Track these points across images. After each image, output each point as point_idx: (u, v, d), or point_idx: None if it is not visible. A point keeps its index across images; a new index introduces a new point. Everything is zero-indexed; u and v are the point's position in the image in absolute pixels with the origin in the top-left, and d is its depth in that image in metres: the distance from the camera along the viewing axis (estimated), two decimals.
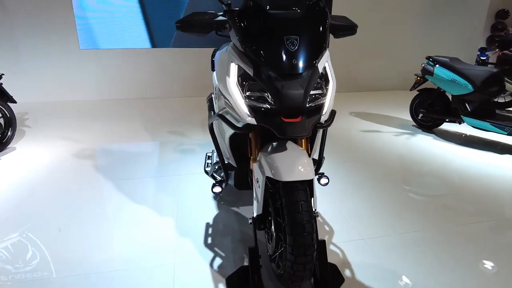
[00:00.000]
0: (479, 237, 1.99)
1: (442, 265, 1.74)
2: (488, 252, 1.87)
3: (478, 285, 1.61)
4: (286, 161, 1.34)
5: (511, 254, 1.85)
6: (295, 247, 1.25)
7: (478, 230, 2.07)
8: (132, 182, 2.59)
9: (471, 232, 2.04)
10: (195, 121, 4.27)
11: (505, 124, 3.25)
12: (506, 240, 2.00)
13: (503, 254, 1.85)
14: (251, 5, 1.33)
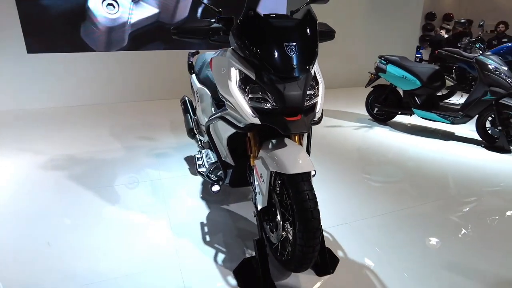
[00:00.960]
0: (429, 215, 2.30)
1: (416, 239, 2.00)
2: (437, 227, 2.17)
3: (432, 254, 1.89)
4: (289, 156, 1.47)
5: (457, 227, 2.18)
6: (305, 232, 1.38)
7: (428, 209, 2.37)
8: (113, 189, 2.54)
9: (423, 211, 2.34)
10: (162, 124, 4.23)
11: (448, 114, 3.72)
12: (453, 215, 2.33)
13: (451, 227, 2.17)
14: (252, 14, 1.44)
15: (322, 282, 1.63)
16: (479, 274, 1.72)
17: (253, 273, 1.65)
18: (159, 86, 5.63)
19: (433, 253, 1.87)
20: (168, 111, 4.95)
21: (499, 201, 2.51)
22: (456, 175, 2.96)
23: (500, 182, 2.87)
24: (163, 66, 5.60)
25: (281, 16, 1.49)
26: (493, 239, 2.03)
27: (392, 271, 1.72)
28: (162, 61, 5.58)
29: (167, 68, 5.64)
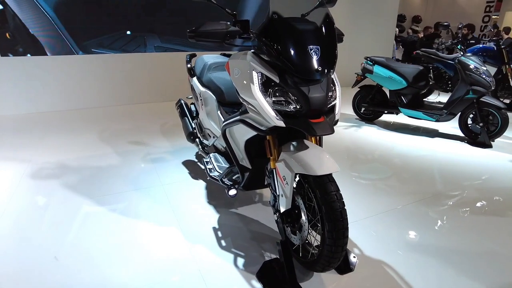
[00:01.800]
0: (417, 212, 2.41)
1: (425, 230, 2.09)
2: (427, 221, 2.28)
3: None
4: (313, 157, 1.49)
5: (444, 220, 2.30)
6: (335, 232, 1.41)
7: (416, 204, 2.49)
8: (115, 197, 2.46)
9: (411, 208, 2.44)
10: (152, 129, 4.13)
11: (433, 112, 3.90)
12: (438, 209, 2.46)
13: (439, 220, 2.29)
14: (276, 18, 1.45)
15: (345, 280, 1.67)
16: (466, 255, 1.82)
17: (276, 275, 1.66)
18: (145, 89, 5.50)
19: (429, 244, 1.96)
20: (157, 115, 4.84)
21: (483, 193, 2.66)
22: (442, 170, 3.11)
23: (482, 175, 3.04)
24: (151, 69, 5.48)
25: (302, 20, 1.51)
26: (480, 227, 2.16)
27: (401, 265, 1.78)
28: (150, 63, 5.46)
29: (155, 71, 5.51)
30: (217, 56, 2.78)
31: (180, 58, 5.64)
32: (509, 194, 2.66)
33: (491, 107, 3.58)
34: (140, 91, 5.47)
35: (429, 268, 1.77)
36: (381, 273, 1.73)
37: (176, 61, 5.61)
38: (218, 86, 2.30)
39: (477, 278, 1.71)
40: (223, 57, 2.78)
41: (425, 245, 1.97)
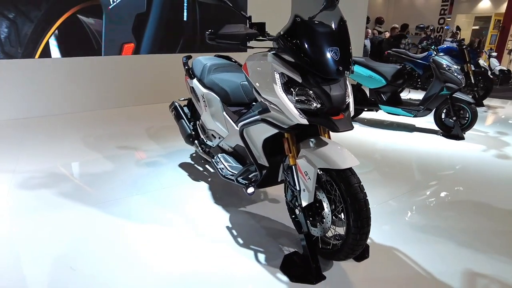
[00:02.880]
0: (400, 206, 2.60)
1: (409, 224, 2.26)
2: (412, 209, 2.49)
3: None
4: (335, 152, 1.58)
5: (425, 208, 2.52)
6: (360, 221, 1.51)
7: (399, 196, 2.67)
8: (118, 203, 2.40)
9: (395, 200, 2.62)
10: (139, 133, 4.05)
11: (411, 109, 4.17)
12: (421, 198, 2.67)
13: (421, 209, 2.50)
14: (299, 22, 1.53)
15: (363, 266, 1.77)
16: (452, 230, 2.01)
17: (298, 266, 1.73)
18: (125, 92, 5.35)
19: (423, 226, 2.14)
20: (140, 119, 4.74)
21: (454, 183, 2.90)
22: (420, 162, 3.36)
23: (456, 165, 3.32)
24: (131, 72, 5.33)
25: (321, 23, 1.59)
26: (459, 208, 2.41)
27: (405, 246, 1.93)
28: (133, 66, 5.32)
29: (135, 74, 5.38)
30: (213, 58, 2.81)
31: (162, 60, 5.56)
32: (481, 180, 2.96)
33: (463, 103, 3.90)
34: (120, 94, 5.32)
35: (429, 245, 1.93)
36: (392, 256, 1.86)
37: (158, 64, 5.52)
38: (222, 88, 2.33)
39: (464, 245, 1.89)
40: (220, 58, 2.81)
41: (420, 226, 2.15)
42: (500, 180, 2.96)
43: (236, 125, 2.15)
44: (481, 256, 1.89)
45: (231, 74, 2.51)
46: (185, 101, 3.28)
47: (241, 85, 2.27)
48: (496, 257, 1.88)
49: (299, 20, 1.53)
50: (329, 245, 1.74)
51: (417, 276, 1.72)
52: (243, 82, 2.28)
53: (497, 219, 2.31)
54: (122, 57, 5.23)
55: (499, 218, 2.32)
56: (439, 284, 1.66)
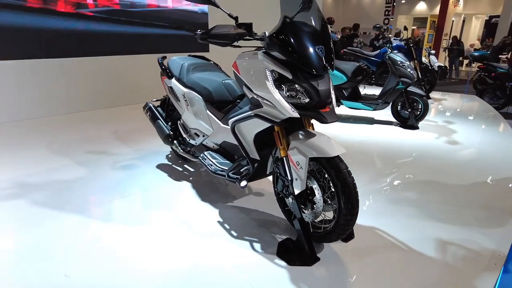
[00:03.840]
0: (370, 190, 2.87)
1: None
2: (381, 193, 2.76)
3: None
4: (324, 142, 1.72)
5: (386, 194, 2.81)
6: (350, 202, 1.66)
7: (361, 184, 2.97)
8: (101, 208, 2.35)
9: (364, 189, 2.91)
10: (106, 136, 3.91)
11: (370, 103, 4.50)
12: (382, 184, 2.97)
13: (382, 195, 2.79)
14: (288, 22, 1.64)
15: (351, 246, 1.93)
16: (418, 202, 2.29)
17: (293, 251, 1.85)
18: (84, 95, 5.10)
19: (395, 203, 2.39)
20: (105, 122, 4.57)
21: (413, 168, 3.23)
22: (382, 151, 3.67)
23: (413, 152, 3.67)
24: (88, 74, 5.10)
25: (306, 23, 1.71)
26: (420, 188, 2.70)
27: (385, 223, 2.14)
28: (93, 68, 5.08)
29: (93, 76, 5.15)
30: (188, 58, 2.83)
31: (123, 62, 5.38)
32: (435, 163, 3.32)
33: (416, 95, 4.30)
34: (79, 98, 5.06)
35: (400, 220, 2.15)
36: (373, 233, 2.05)
37: (119, 66, 5.34)
38: (204, 87, 2.38)
39: (429, 212, 2.18)
40: (195, 58, 2.84)
41: (390, 206, 2.38)
42: (451, 162, 3.35)
43: (222, 122, 2.21)
44: (437, 223, 2.15)
45: (210, 73, 2.56)
46: (158, 101, 3.25)
47: (223, 83, 2.33)
48: (449, 222, 2.16)
49: (289, 21, 1.64)
50: (320, 229, 1.88)
51: (395, 247, 1.92)
52: (225, 81, 2.35)
53: (450, 193, 2.63)
54: (82, 59, 4.99)
55: (452, 192, 2.64)
56: (415, 252, 1.88)
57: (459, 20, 17.33)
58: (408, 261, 1.84)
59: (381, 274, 1.74)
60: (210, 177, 2.87)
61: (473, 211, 2.40)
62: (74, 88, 4.97)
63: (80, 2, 4.77)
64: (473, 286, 1.66)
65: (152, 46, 5.62)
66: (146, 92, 5.57)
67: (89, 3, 4.87)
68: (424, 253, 1.90)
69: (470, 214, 2.35)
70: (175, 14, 5.79)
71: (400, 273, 1.75)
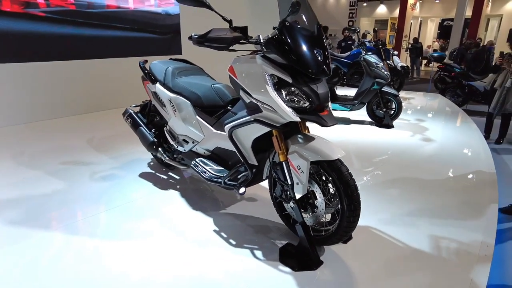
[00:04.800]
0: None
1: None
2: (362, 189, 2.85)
3: None
4: (324, 146, 1.73)
5: (366, 190, 2.91)
6: (353, 204, 1.67)
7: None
8: (87, 222, 2.20)
9: None
10: (81, 145, 3.69)
11: (347, 103, 4.62)
12: (366, 179, 3.07)
13: (363, 191, 2.89)
14: (288, 26, 1.62)
15: (350, 246, 1.95)
16: (396, 192, 2.38)
17: (296, 256, 1.83)
18: (57, 102, 4.78)
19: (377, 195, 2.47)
20: (77, 130, 4.31)
21: (392, 165, 3.36)
22: (358, 151, 3.78)
23: (388, 150, 3.81)
24: (64, 79, 4.79)
25: (304, 27, 1.70)
26: (395, 181, 2.82)
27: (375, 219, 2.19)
28: (62, 73, 4.76)
29: (64, 81, 4.84)
30: (171, 61, 2.74)
31: (94, 66, 5.11)
32: (409, 159, 3.48)
33: (390, 95, 4.47)
34: (49, 105, 4.74)
35: (389, 213, 2.22)
36: (370, 232, 2.09)
37: (90, 70, 5.06)
38: (192, 92, 2.31)
39: (412, 208, 2.27)
40: (178, 62, 2.75)
41: (375, 202, 2.45)
42: (427, 158, 3.51)
43: (214, 128, 2.16)
44: (424, 218, 2.24)
45: (197, 77, 2.49)
46: (137, 107, 3.12)
47: (213, 88, 2.27)
48: (434, 217, 2.26)
49: (288, 24, 1.63)
50: (321, 232, 1.88)
51: (390, 244, 1.97)
52: (214, 85, 2.29)
53: (429, 188, 2.75)
54: (50, 64, 4.67)
55: (431, 187, 2.77)
56: (411, 248, 1.93)
57: (417, 22, 18.32)
58: (405, 257, 1.89)
59: (383, 272, 1.77)
60: (197, 184, 2.79)
61: (453, 204, 2.52)
62: (35, 95, 4.63)
63: (29, 1, 4.41)
64: (470, 278, 1.73)
65: (113, 50, 5.36)
66: (118, 98, 5.36)
67: (40, 3, 4.51)
68: (419, 249, 1.96)
69: (451, 207, 2.47)
70: (137, 16, 5.56)
71: (402, 270, 1.79)
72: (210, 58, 3.92)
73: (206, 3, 1.70)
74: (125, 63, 5.40)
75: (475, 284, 1.68)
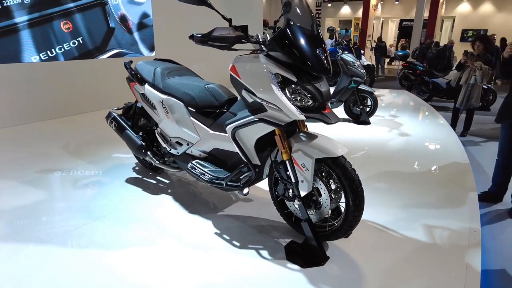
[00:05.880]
0: None
1: None
2: None
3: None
4: (327, 143, 1.77)
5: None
6: (358, 199, 1.72)
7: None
8: (77, 234, 2.07)
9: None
10: (56, 152, 3.48)
11: None
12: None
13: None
14: (292, 25, 1.63)
15: (352, 240, 2.01)
16: (377, 184, 2.51)
17: (301, 253, 1.85)
18: (27, 107, 4.45)
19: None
20: (51, 136, 4.06)
21: (371, 160, 3.51)
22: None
23: (365, 146, 3.97)
24: (33, 82, 4.46)
25: (305, 27, 1.72)
26: (374, 173, 2.94)
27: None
28: (29, 75, 4.43)
29: (38, 84, 4.52)
30: (157, 62, 2.67)
31: (68, 68, 4.82)
32: (386, 154, 3.66)
33: (366, 93, 4.63)
34: (17, 110, 4.41)
35: (382, 206, 2.31)
36: (367, 225, 2.16)
37: (63, 72, 4.77)
38: (185, 93, 2.25)
39: (400, 200, 2.38)
40: (165, 62, 2.68)
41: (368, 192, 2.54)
42: (405, 151, 3.69)
43: (211, 129, 2.12)
44: (413, 209, 2.36)
45: (188, 77, 2.44)
46: (119, 110, 3.00)
47: (207, 88, 2.24)
48: (423, 207, 2.39)
49: (292, 24, 1.64)
50: (324, 228, 1.92)
51: (386, 235, 2.06)
52: (208, 85, 2.25)
53: (409, 179, 2.90)
54: (20, 65, 4.35)
55: (414, 178, 2.92)
56: (408, 238, 2.03)
57: (379, 22, 19.15)
58: (403, 247, 1.97)
59: (387, 262, 1.83)
60: (186, 188, 2.73)
61: (437, 194, 2.67)
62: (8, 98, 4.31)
63: None
64: (466, 263, 1.84)
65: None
66: (90, 101, 5.12)
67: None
68: (415, 238, 2.06)
69: (436, 197, 2.62)
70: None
71: (402, 259, 1.87)
72: (183, 58, 3.85)
73: (206, 2, 1.67)
74: (95, 64, 5.16)
75: (471, 268, 1.80)
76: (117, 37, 5.34)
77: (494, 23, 16.20)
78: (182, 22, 6.06)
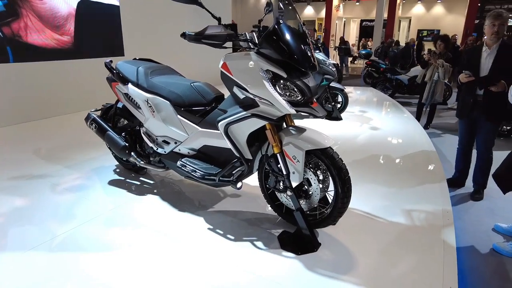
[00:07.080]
0: None
1: None
2: None
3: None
4: (316, 135, 1.87)
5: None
6: (346, 187, 1.84)
7: None
8: (65, 239, 2.02)
9: None
10: (26, 157, 3.32)
11: None
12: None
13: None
14: (282, 24, 1.71)
15: (340, 226, 2.13)
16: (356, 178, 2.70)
17: (294, 241, 1.94)
18: None
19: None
20: (19, 141, 3.84)
21: (343, 153, 3.72)
22: None
23: (337, 141, 4.16)
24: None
25: (293, 27, 1.81)
26: (351, 167, 3.13)
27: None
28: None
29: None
30: (138, 61, 2.65)
31: (32, 69, 4.57)
32: (359, 147, 3.86)
33: (337, 90, 4.84)
34: None
35: (360, 193, 2.47)
36: (352, 212, 2.29)
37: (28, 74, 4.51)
38: (171, 91, 2.26)
39: (376, 188, 2.54)
40: (146, 61, 2.66)
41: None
42: (377, 143, 3.92)
43: (200, 126, 2.15)
44: (392, 196, 2.55)
45: (172, 76, 2.45)
46: (98, 111, 2.93)
47: (194, 86, 2.26)
48: (398, 193, 2.58)
49: (282, 23, 1.72)
50: (314, 216, 2.02)
51: (368, 219, 2.20)
52: (194, 84, 2.28)
53: (383, 168, 3.11)
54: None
55: (384, 167, 3.12)
56: (388, 221, 2.19)
57: (341, 23, 19.85)
58: (385, 229, 2.13)
59: (373, 244, 1.97)
60: (171, 187, 2.72)
61: (410, 180, 2.88)
62: None
63: None
64: (442, 239, 2.02)
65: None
66: (62, 102, 4.91)
67: None
68: (395, 221, 2.22)
69: (410, 183, 2.82)
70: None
71: (387, 240, 2.01)
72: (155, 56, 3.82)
73: (197, 1, 1.71)
74: (63, 66, 4.95)
75: (447, 243, 1.98)
76: None
77: (445, 23, 17.42)
78: (151, 23, 5.96)
